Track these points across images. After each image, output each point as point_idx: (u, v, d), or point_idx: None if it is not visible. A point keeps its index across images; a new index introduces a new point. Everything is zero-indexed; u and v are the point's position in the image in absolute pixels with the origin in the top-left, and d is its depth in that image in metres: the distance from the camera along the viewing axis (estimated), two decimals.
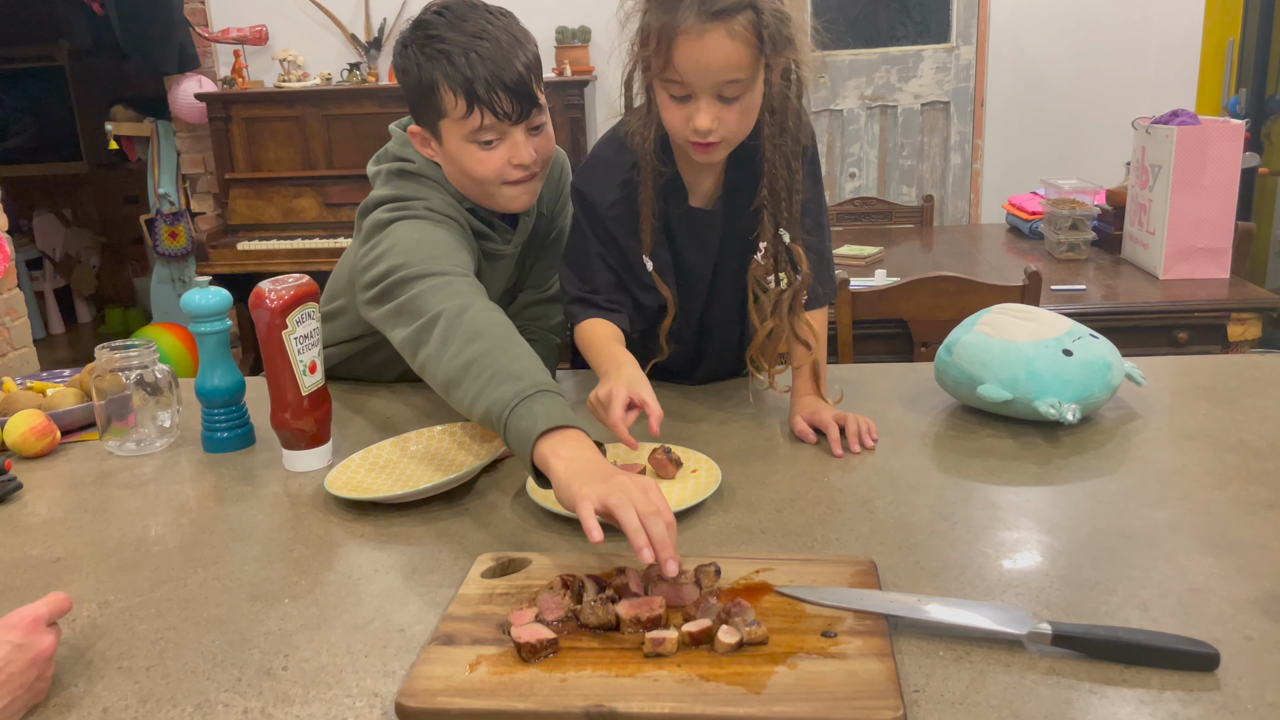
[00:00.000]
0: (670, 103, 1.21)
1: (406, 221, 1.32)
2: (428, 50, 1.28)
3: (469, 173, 1.33)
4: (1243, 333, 2.33)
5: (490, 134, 1.29)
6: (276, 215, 4.11)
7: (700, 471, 1.17)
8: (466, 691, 0.77)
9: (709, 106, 1.18)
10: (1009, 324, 1.34)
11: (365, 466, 1.22)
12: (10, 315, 3.36)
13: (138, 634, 0.91)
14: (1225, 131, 2.41)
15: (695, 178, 1.36)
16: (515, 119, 1.29)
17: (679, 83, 1.18)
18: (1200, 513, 1.05)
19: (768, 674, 0.78)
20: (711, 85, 1.17)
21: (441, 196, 1.37)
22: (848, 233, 3.29)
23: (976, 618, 0.84)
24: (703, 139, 1.21)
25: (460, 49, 1.26)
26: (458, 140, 1.31)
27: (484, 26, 1.27)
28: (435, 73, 1.27)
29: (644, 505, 0.91)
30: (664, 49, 1.16)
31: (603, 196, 1.35)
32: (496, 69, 1.25)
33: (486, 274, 1.42)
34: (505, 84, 1.26)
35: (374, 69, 4.25)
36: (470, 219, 1.38)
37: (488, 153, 1.31)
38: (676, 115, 1.21)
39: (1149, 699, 0.75)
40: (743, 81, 1.18)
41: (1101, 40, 4.18)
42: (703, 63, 1.15)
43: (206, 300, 1.30)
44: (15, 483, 1.24)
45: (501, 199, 1.36)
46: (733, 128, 1.21)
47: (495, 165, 1.31)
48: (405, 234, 1.29)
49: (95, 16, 4.25)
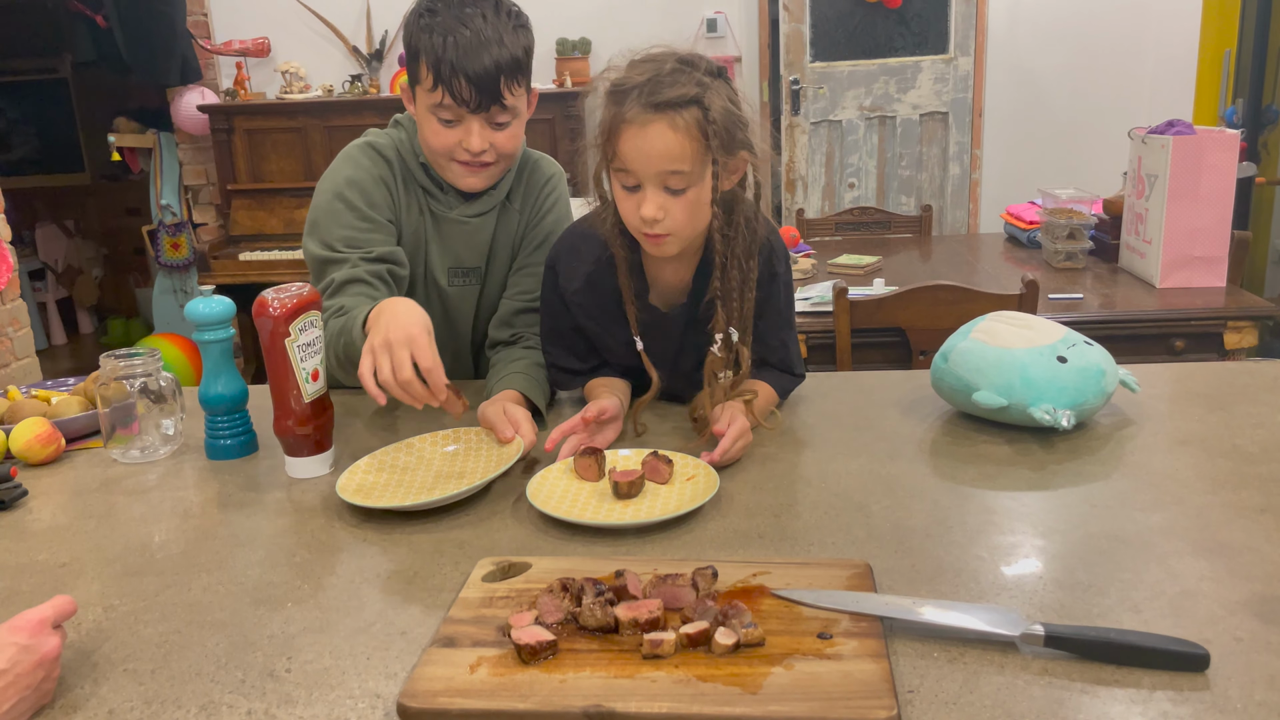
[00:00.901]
0: (622, 193, 1.25)
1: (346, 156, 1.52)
2: (422, 21, 1.39)
3: (426, 140, 1.47)
4: (1239, 341, 2.34)
5: (447, 113, 1.41)
6: (278, 226, 4.13)
7: (698, 478, 1.18)
8: (467, 692, 0.78)
9: (654, 195, 1.22)
10: (1004, 331, 1.35)
11: (375, 470, 1.24)
12: (13, 326, 3.38)
13: (143, 637, 0.92)
14: (1221, 141, 2.43)
15: (658, 273, 1.38)
16: (473, 108, 1.39)
17: (627, 171, 1.22)
18: (1193, 516, 1.06)
19: (764, 675, 0.79)
20: (655, 174, 1.21)
21: (396, 137, 1.52)
22: (846, 242, 3.30)
23: (970, 619, 0.85)
24: (650, 229, 1.24)
25: (443, 30, 1.36)
26: (424, 108, 1.44)
27: (475, 17, 1.37)
28: (420, 43, 1.39)
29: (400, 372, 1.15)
30: (613, 138, 1.22)
31: (570, 283, 1.39)
32: (465, 58, 1.35)
33: (432, 234, 1.53)
34: (469, 74, 1.36)
35: (375, 80, 4.27)
36: (419, 172, 1.52)
37: (443, 129, 1.43)
38: (628, 205, 1.25)
39: (1140, 699, 0.76)
40: (686, 174, 1.21)
41: (1099, 51, 4.21)
42: (645, 150, 1.19)
43: (210, 309, 1.32)
44: (21, 489, 1.25)
45: (450, 173, 1.49)
46: (680, 220, 1.23)
47: (445, 142, 1.44)
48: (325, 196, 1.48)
49: (99, 29, 4.28)
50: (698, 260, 1.35)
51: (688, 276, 1.37)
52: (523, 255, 1.59)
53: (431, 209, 1.53)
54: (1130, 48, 4.19)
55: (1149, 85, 4.20)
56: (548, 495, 1.15)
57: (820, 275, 2.79)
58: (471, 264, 1.57)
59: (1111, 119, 4.07)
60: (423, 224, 1.53)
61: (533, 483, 1.17)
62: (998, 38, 4.21)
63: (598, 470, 1.20)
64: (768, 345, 1.40)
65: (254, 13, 4.34)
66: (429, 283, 1.56)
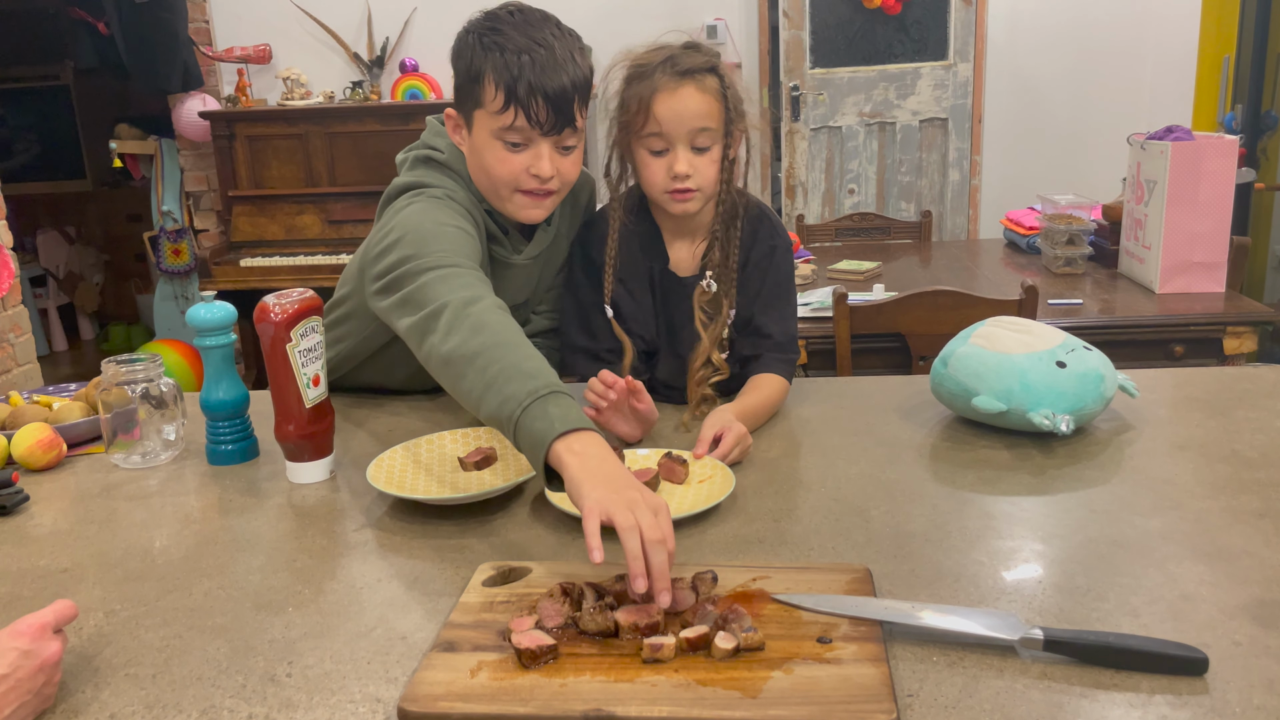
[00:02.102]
0: (650, 158, 1.39)
1: (421, 203, 1.34)
2: (485, 40, 1.31)
3: (487, 168, 1.35)
4: (1238, 346, 2.34)
5: (517, 136, 1.32)
6: (279, 232, 4.14)
7: (714, 478, 1.19)
8: (468, 696, 0.78)
9: (685, 153, 1.37)
10: (1003, 336, 1.36)
11: (406, 461, 1.25)
12: (14, 331, 3.38)
13: (144, 642, 0.92)
14: (1219, 147, 2.44)
15: (675, 245, 1.51)
16: (546, 130, 1.31)
17: (658, 134, 1.37)
18: (1192, 521, 1.07)
19: (764, 679, 0.79)
20: (686, 133, 1.37)
21: (463, 189, 1.39)
22: (846, 248, 3.31)
23: (970, 624, 0.85)
24: (681, 184, 1.38)
25: (516, 48, 1.29)
26: (486, 133, 1.33)
27: (546, 37, 1.31)
28: (486, 63, 1.30)
29: (650, 531, 0.89)
30: (644, 108, 1.36)
31: (595, 244, 1.49)
32: (543, 77, 1.28)
33: (495, 284, 1.42)
34: (547, 93, 1.29)
35: (376, 87, 4.28)
36: (485, 220, 1.40)
37: (510, 154, 1.33)
38: (657, 169, 1.39)
39: (1139, 702, 0.77)
40: (712, 131, 1.38)
41: (1098, 57, 4.22)
42: (678, 110, 1.35)
43: (212, 314, 1.32)
44: (22, 495, 1.25)
45: (511, 204, 1.38)
46: (707, 176, 1.39)
47: (514, 168, 1.34)
48: (418, 220, 1.31)
49: (100, 36, 4.29)
50: (708, 240, 1.48)
51: (700, 249, 1.50)
52: (561, 275, 1.55)
53: (495, 256, 1.42)
54: (1129, 54, 4.20)
55: (1148, 91, 4.21)
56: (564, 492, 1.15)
57: (820, 281, 2.79)
58: (522, 299, 1.51)
59: (1111, 125, 4.08)
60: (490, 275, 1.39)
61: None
62: (997, 44, 4.22)
63: None
64: (772, 316, 1.49)
65: (255, 20, 4.35)
66: None
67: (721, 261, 1.46)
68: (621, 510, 0.91)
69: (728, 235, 1.46)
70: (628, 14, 4.19)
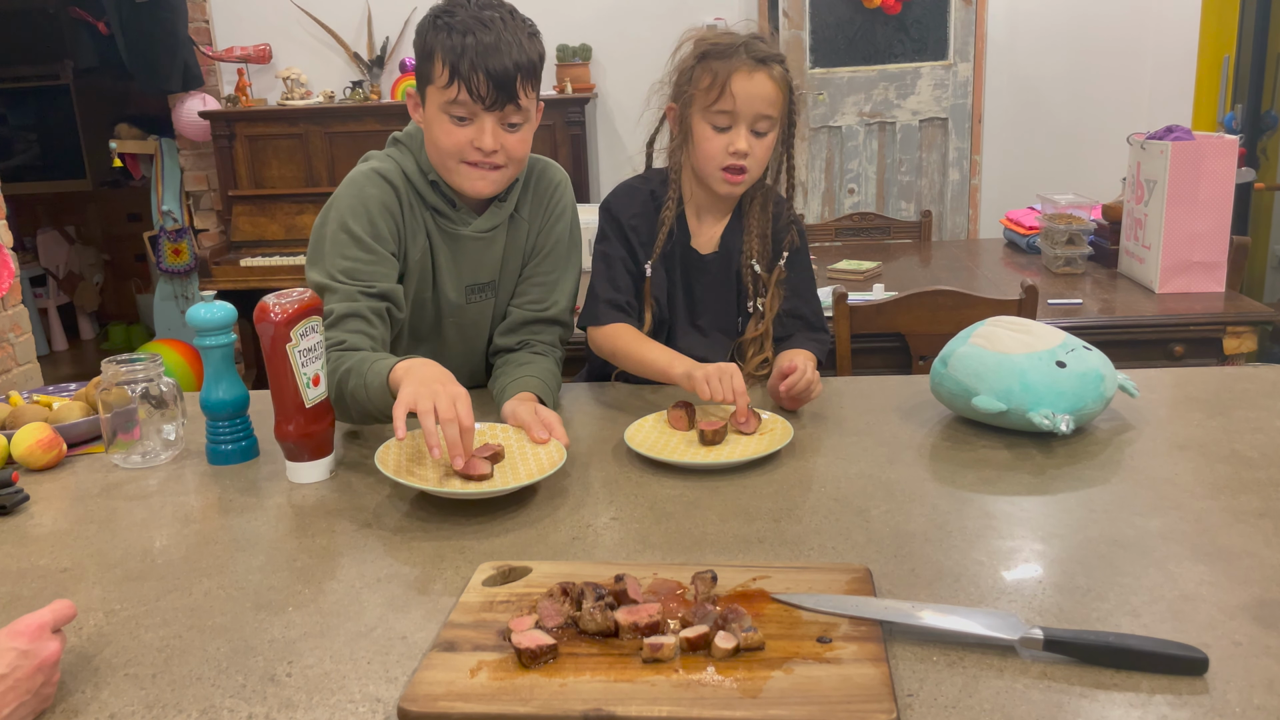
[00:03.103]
0: (712, 133, 1.50)
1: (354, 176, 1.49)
2: (439, 21, 1.40)
3: (435, 140, 1.44)
4: (1238, 346, 2.34)
5: (461, 110, 1.40)
6: (279, 232, 4.14)
7: (776, 430, 1.34)
8: (468, 696, 0.78)
9: (746, 134, 1.50)
10: (1003, 336, 1.36)
11: (411, 452, 1.25)
12: (14, 331, 3.38)
13: (144, 642, 0.92)
14: (1219, 147, 2.44)
15: (697, 226, 1.63)
16: (488, 105, 1.39)
17: (728, 112, 1.49)
18: (1192, 521, 1.07)
19: (764, 678, 0.79)
20: (752, 115, 1.49)
21: (401, 161, 1.49)
22: (846, 248, 3.31)
23: (969, 624, 0.85)
24: (739, 160, 1.50)
25: (462, 28, 1.37)
26: (435, 108, 1.42)
27: (494, 18, 1.39)
28: (436, 42, 1.39)
29: (445, 411, 1.15)
30: (720, 84, 1.48)
31: (626, 210, 1.61)
32: (485, 55, 1.37)
33: (444, 255, 1.51)
34: (488, 70, 1.37)
35: (376, 87, 4.28)
36: (429, 192, 1.49)
37: (455, 127, 1.42)
38: (717, 144, 1.51)
39: (1139, 702, 0.77)
40: (773, 119, 1.51)
41: (1098, 57, 4.21)
42: (752, 92, 1.48)
43: (212, 314, 1.32)
44: (22, 494, 1.25)
45: (458, 176, 1.46)
46: (759, 158, 1.52)
47: (457, 141, 1.42)
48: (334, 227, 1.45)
49: (100, 36, 4.29)
50: (727, 219, 1.63)
51: (717, 232, 1.63)
52: (531, 264, 1.59)
53: (443, 228, 1.51)
54: (1129, 53, 4.20)
55: (1148, 91, 4.21)
56: (643, 440, 1.33)
57: (820, 280, 2.78)
58: (486, 279, 1.56)
59: (1110, 125, 4.08)
60: (431, 246, 1.50)
61: (629, 430, 1.34)
62: (997, 44, 4.21)
63: (688, 421, 1.37)
64: (802, 298, 1.65)
65: (255, 19, 4.35)
66: (442, 303, 1.53)
67: (760, 248, 1.61)
68: (424, 398, 1.16)
69: (764, 217, 1.61)
70: (629, 14, 4.19)
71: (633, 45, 4.16)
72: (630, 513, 1.15)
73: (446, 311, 1.54)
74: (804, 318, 1.65)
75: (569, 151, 3.95)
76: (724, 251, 1.63)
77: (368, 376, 1.30)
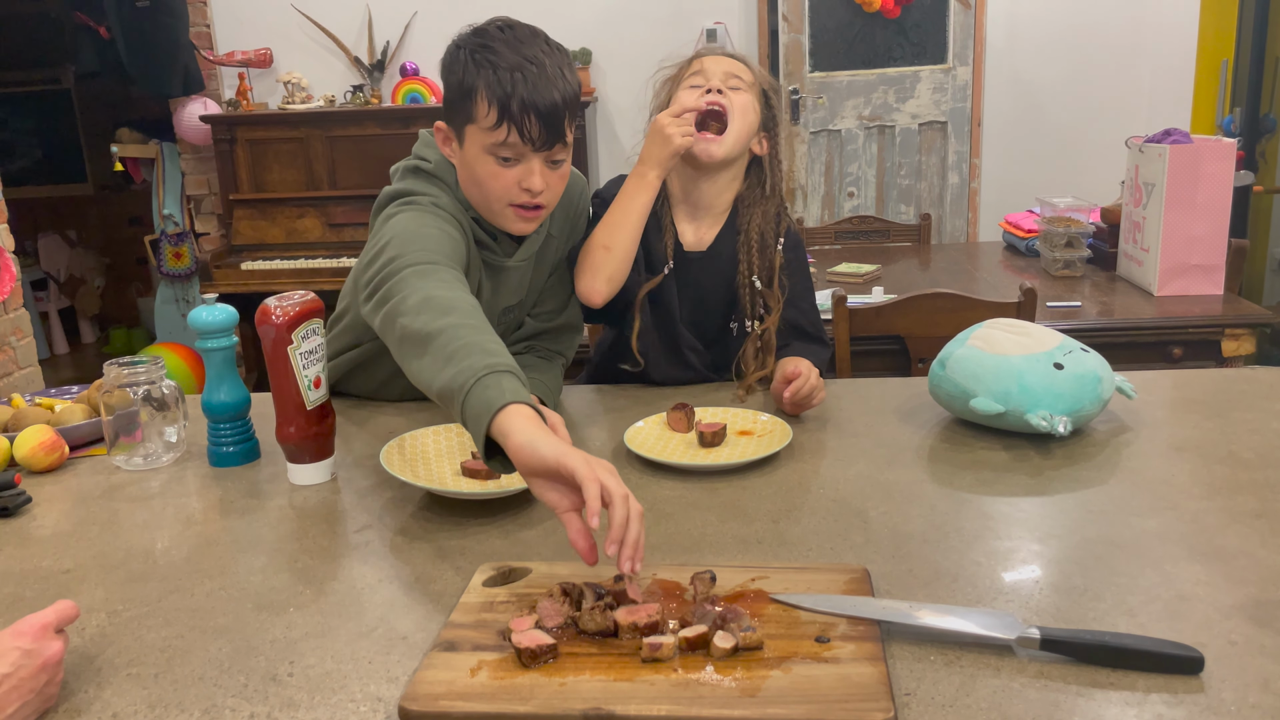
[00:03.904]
0: (691, 91, 1.55)
1: (409, 211, 1.36)
2: (478, 57, 1.32)
3: (480, 182, 1.37)
4: (1237, 348, 2.35)
5: (509, 151, 1.33)
6: (280, 236, 4.15)
7: (775, 433, 1.35)
8: (468, 695, 0.79)
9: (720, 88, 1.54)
10: (1001, 338, 1.36)
11: (415, 452, 1.26)
12: (16, 335, 3.39)
13: (146, 642, 0.92)
14: (1217, 150, 2.44)
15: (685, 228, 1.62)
16: (538, 146, 1.33)
17: (699, 73, 1.55)
18: (1188, 522, 1.07)
19: (763, 678, 0.79)
20: (723, 74, 1.55)
21: (449, 196, 1.41)
22: (846, 251, 3.31)
23: (967, 623, 0.86)
24: (714, 100, 1.51)
25: (509, 66, 1.30)
26: (478, 148, 1.35)
27: (537, 54, 1.32)
28: (478, 79, 1.31)
29: (616, 488, 0.90)
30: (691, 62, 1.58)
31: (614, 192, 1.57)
32: (535, 94, 1.30)
33: (487, 287, 1.46)
34: (539, 110, 1.30)
35: (377, 91, 4.29)
36: (474, 226, 1.42)
37: (502, 169, 1.35)
38: (693, 94, 1.53)
39: (1135, 701, 0.77)
40: (745, 84, 1.55)
41: (1097, 61, 4.22)
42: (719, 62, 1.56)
43: (214, 317, 1.33)
44: (24, 496, 1.26)
45: (502, 218, 1.40)
46: (737, 105, 1.53)
47: (505, 183, 1.36)
48: (405, 225, 1.33)
49: (102, 41, 4.30)
50: (722, 223, 1.62)
51: (710, 234, 1.62)
52: (555, 275, 1.58)
53: (486, 260, 1.45)
54: (1128, 57, 4.21)
55: (1146, 94, 4.22)
56: (642, 442, 1.34)
57: (820, 283, 2.79)
58: (516, 300, 1.54)
59: (1109, 128, 4.09)
60: (480, 278, 1.45)
61: (629, 432, 1.35)
62: (996, 47, 4.22)
63: (687, 423, 1.38)
64: (799, 308, 1.64)
65: (256, 24, 4.36)
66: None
67: (761, 263, 1.60)
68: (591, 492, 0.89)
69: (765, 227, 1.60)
70: (628, 18, 4.20)
71: (632, 49, 4.17)
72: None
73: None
74: (800, 328, 1.63)
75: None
76: (712, 254, 1.61)
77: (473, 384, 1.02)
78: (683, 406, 1.40)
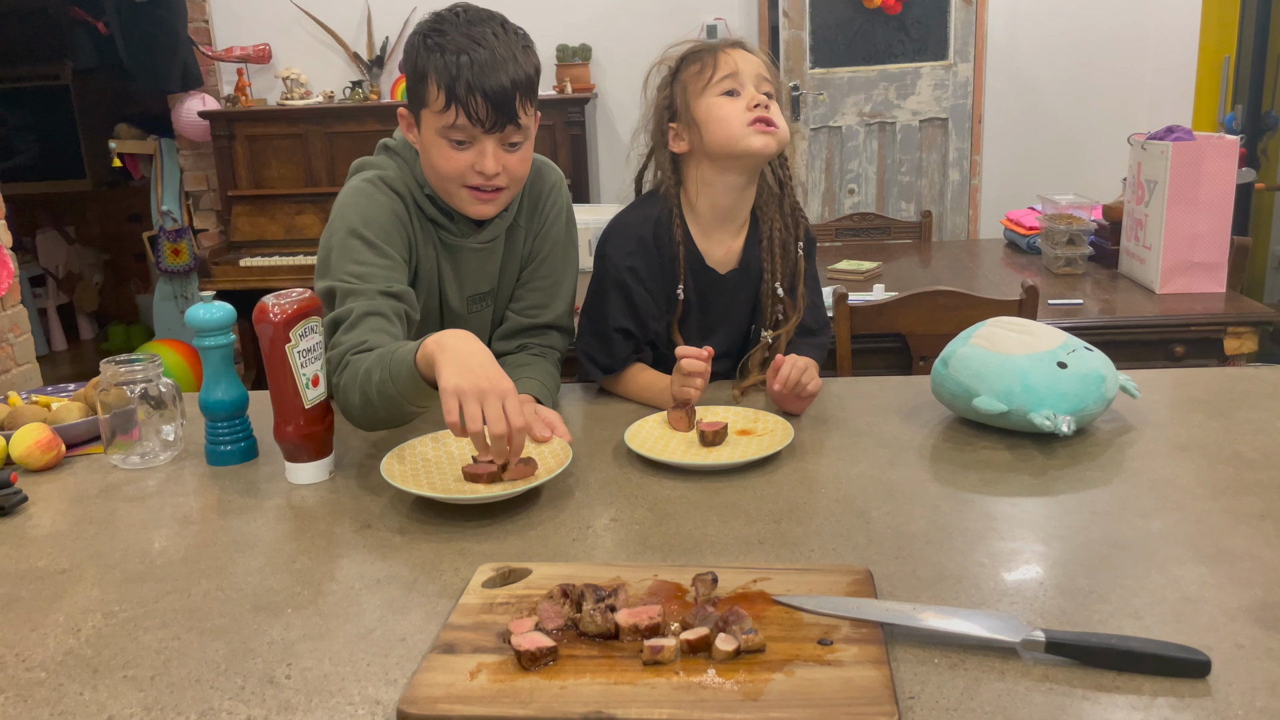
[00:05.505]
0: (725, 101, 1.46)
1: (357, 183, 1.45)
2: (429, 41, 1.35)
3: (435, 166, 1.41)
4: (1239, 346, 2.34)
5: (460, 134, 1.36)
6: (279, 232, 4.14)
7: (776, 432, 1.34)
8: (467, 699, 0.78)
9: (757, 94, 1.46)
10: (1004, 337, 1.35)
11: (414, 459, 1.25)
12: (14, 331, 3.38)
13: (142, 643, 0.92)
14: (1220, 147, 2.43)
15: (709, 246, 1.57)
16: (488, 128, 1.35)
17: (730, 75, 1.47)
18: (1193, 523, 1.06)
19: (765, 681, 0.79)
20: (754, 74, 1.48)
21: (397, 171, 1.46)
22: (846, 248, 3.30)
23: (971, 626, 0.85)
24: (764, 112, 1.45)
25: (455, 48, 1.33)
26: (432, 132, 1.38)
27: (487, 35, 1.34)
28: (428, 64, 1.34)
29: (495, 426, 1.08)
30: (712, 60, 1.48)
31: (622, 256, 1.53)
32: (482, 76, 1.32)
33: (446, 268, 1.49)
34: (486, 91, 1.32)
35: (376, 87, 4.28)
36: (427, 204, 1.46)
37: (455, 151, 1.38)
38: (733, 108, 1.45)
39: (1141, 705, 0.76)
40: (772, 85, 1.49)
41: (1098, 57, 4.22)
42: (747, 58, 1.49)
43: (211, 314, 1.32)
44: (21, 495, 1.25)
45: (459, 199, 1.43)
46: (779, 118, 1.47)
47: (458, 165, 1.39)
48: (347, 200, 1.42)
49: (100, 36, 4.29)
50: (745, 232, 1.58)
51: (736, 246, 1.59)
52: (529, 269, 1.58)
53: (443, 240, 1.48)
54: (1130, 54, 4.20)
55: (1148, 91, 4.21)
56: (643, 441, 1.32)
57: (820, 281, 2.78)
58: (486, 288, 1.55)
59: (1111, 125, 4.08)
60: (435, 256, 1.48)
61: (629, 431, 1.33)
62: (997, 44, 4.22)
63: (688, 422, 1.37)
64: (808, 305, 1.63)
65: (255, 19, 4.35)
66: (445, 313, 1.52)
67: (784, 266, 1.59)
68: (469, 398, 1.09)
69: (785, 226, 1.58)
70: (629, 14, 4.19)
71: (632, 45, 4.16)
72: (630, 514, 1.15)
73: (449, 321, 1.53)
74: (803, 323, 1.63)
75: (569, 151, 3.94)
76: (743, 268, 1.59)
77: (393, 366, 1.21)
78: (684, 405, 1.39)
